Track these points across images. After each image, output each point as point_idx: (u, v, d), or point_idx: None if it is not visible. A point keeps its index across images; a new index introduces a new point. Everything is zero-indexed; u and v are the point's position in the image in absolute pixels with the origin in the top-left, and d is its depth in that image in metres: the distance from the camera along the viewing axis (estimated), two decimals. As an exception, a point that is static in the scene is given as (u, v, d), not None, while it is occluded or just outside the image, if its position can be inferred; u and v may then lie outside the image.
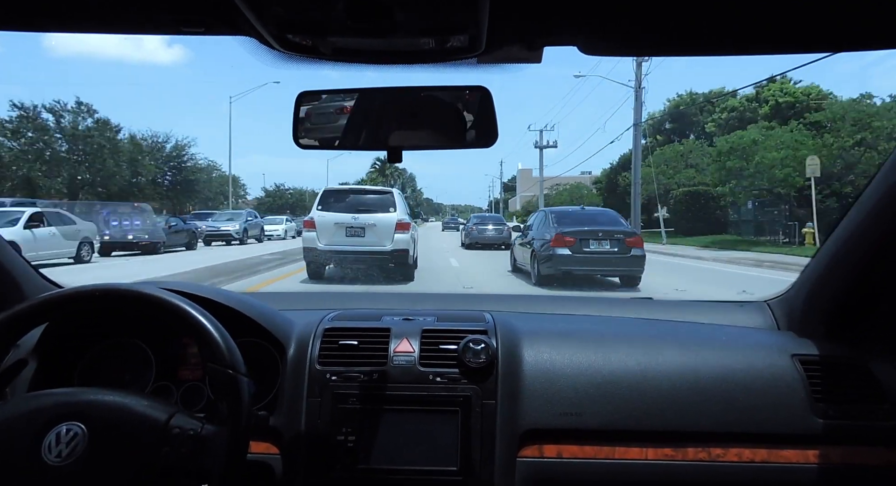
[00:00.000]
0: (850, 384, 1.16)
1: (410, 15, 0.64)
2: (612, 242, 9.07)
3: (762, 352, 1.20)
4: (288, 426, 1.16)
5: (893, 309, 1.21)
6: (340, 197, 10.20)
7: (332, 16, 0.64)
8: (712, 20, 0.70)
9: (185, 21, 0.70)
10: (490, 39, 0.69)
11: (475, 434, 1.13)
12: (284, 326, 1.26)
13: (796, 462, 1.12)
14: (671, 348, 1.21)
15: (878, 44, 0.78)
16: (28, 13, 0.73)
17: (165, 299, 0.97)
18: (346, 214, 9.87)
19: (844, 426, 1.12)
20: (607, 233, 9.19)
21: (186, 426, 0.90)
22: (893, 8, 0.66)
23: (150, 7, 0.70)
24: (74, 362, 1.24)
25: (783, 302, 1.42)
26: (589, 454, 1.14)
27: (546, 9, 0.67)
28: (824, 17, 0.69)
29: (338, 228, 9.81)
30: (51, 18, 0.74)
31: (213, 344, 0.94)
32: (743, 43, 0.76)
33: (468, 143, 0.97)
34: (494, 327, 1.25)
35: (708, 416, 1.13)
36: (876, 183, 1.11)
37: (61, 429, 0.87)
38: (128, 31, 0.78)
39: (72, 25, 0.74)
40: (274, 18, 0.65)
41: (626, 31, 0.74)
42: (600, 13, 0.68)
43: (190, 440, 0.88)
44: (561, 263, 9.07)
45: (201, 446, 0.89)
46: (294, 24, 0.66)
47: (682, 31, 0.73)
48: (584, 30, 0.72)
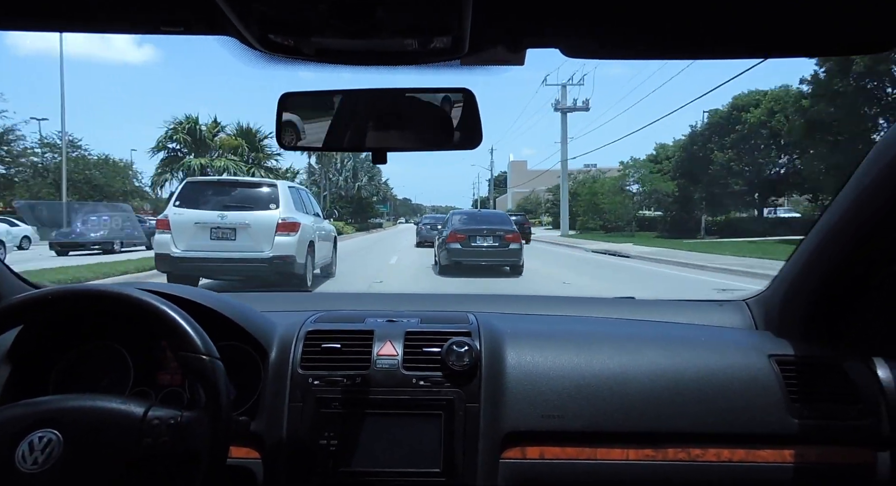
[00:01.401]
0: (825, 384, 1.18)
1: (393, 16, 0.64)
2: (494, 238, 11.79)
3: (740, 352, 1.22)
4: (269, 432, 1.14)
5: (866, 309, 1.23)
6: (205, 191, 8.28)
7: (315, 16, 0.64)
8: (695, 23, 0.70)
9: (164, 20, 0.69)
10: (473, 41, 0.69)
11: (458, 437, 1.13)
12: (266, 328, 1.25)
13: (773, 462, 1.14)
14: (652, 349, 1.23)
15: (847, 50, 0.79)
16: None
17: (133, 296, 0.96)
18: (210, 211, 7.92)
19: (819, 425, 1.14)
20: (490, 230, 11.86)
21: (165, 416, 0.89)
22: (875, 12, 0.67)
23: (128, 5, 0.69)
24: (50, 366, 1.22)
25: (761, 302, 1.44)
26: (571, 455, 1.15)
27: (528, 11, 0.67)
28: (806, 22, 0.70)
29: (199, 230, 7.84)
30: (21, 16, 0.72)
31: (182, 333, 0.94)
32: (726, 46, 0.77)
33: (452, 144, 0.98)
34: (478, 329, 1.25)
35: (687, 417, 1.14)
36: (850, 184, 1.13)
37: (34, 438, 0.86)
38: (105, 30, 0.76)
39: (45, 24, 0.73)
40: (256, 18, 0.64)
41: (608, 35, 0.74)
42: (582, 16, 0.69)
43: (171, 429, 0.88)
44: (454, 255, 11.72)
45: (183, 432, 0.88)
46: (276, 24, 0.65)
47: (664, 34, 0.74)
48: (567, 32, 0.73)
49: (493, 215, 13.70)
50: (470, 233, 11.84)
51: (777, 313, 1.36)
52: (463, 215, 13.36)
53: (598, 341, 1.25)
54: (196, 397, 0.95)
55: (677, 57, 0.83)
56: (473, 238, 11.79)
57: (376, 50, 0.72)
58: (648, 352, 1.22)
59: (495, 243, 11.72)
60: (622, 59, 0.82)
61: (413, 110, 0.99)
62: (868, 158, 1.09)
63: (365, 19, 0.63)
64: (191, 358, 0.93)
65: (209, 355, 0.93)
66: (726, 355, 1.21)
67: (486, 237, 11.79)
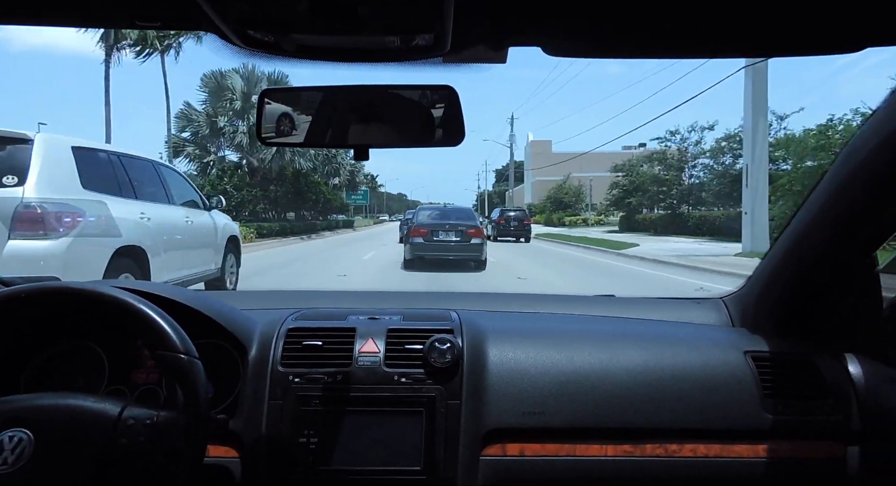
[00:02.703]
0: (798, 380, 1.20)
1: (374, 13, 0.64)
2: (456, 233, 11.96)
3: (716, 349, 1.24)
4: (248, 430, 1.13)
5: (839, 306, 1.26)
6: None
7: (295, 13, 0.63)
8: (679, 22, 0.71)
9: (140, 15, 0.68)
10: (455, 39, 0.69)
11: (439, 434, 1.13)
12: (246, 325, 1.24)
13: (747, 457, 1.16)
14: (631, 346, 1.24)
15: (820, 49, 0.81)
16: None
17: (107, 293, 0.95)
18: None
19: (792, 421, 1.17)
20: (453, 226, 12.03)
21: (141, 416, 0.88)
22: (852, 12, 0.68)
23: (102, 0, 0.67)
24: (22, 365, 1.19)
25: (737, 299, 1.46)
26: (551, 451, 1.16)
27: (509, 10, 0.67)
28: (788, 21, 0.71)
29: None
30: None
31: (159, 331, 0.92)
32: (708, 45, 0.78)
33: (435, 141, 0.98)
34: (460, 326, 1.25)
35: (665, 413, 1.16)
36: (824, 182, 1.15)
37: (4, 437, 0.84)
38: (80, 24, 0.74)
39: (21, 18, 0.71)
40: (235, 14, 0.63)
41: (590, 34, 0.75)
42: (564, 15, 0.69)
43: (147, 429, 0.87)
44: (416, 249, 11.91)
45: (160, 432, 0.87)
46: (256, 20, 0.64)
47: (647, 34, 0.74)
48: (548, 31, 0.73)
49: (458, 211, 13.87)
50: (433, 228, 12.02)
51: (752, 311, 1.38)
52: (428, 211, 13.77)
53: (579, 339, 1.26)
54: (173, 396, 0.94)
55: (661, 56, 0.83)
56: (436, 233, 11.96)
57: (357, 47, 0.71)
58: (628, 349, 1.23)
59: (457, 237, 11.94)
60: (605, 57, 0.82)
61: (395, 107, 0.99)
62: (841, 156, 1.11)
63: (346, 17, 0.63)
64: (168, 357, 0.91)
65: (187, 354, 0.92)
66: (703, 352, 1.23)
67: (448, 232, 11.97)
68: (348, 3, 0.61)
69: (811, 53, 0.80)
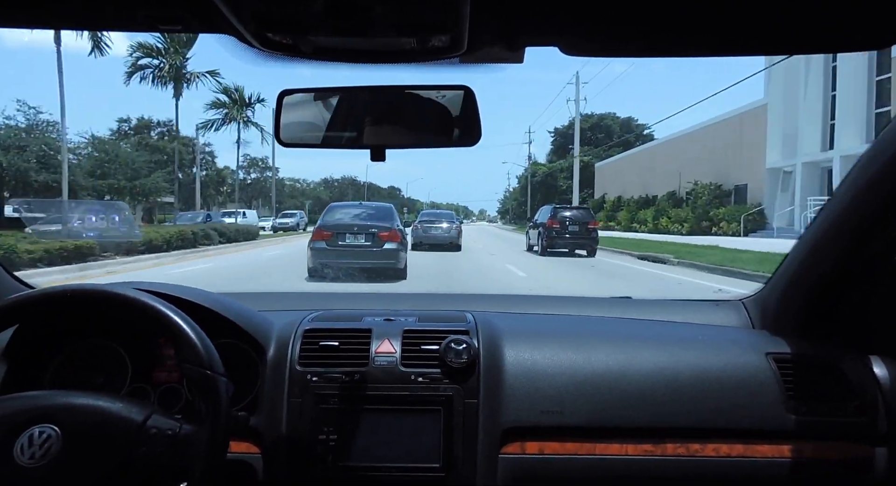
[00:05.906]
0: (821, 382, 1.18)
1: (391, 14, 0.64)
2: (367, 236, 9.52)
3: (737, 351, 1.23)
4: (269, 427, 1.15)
5: (862, 308, 1.24)
6: None
7: (312, 14, 0.64)
8: (693, 21, 0.71)
9: (161, 18, 0.69)
10: (471, 39, 0.69)
11: (457, 432, 1.13)
12: (264, 326, 1.25)
13: (771, 457, 1.15)
14: (649, 347, 1.23)
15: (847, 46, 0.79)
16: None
17: (139, 300, 0.96)
18: None
19: (815, 422, 1.15)
20: (362, 228, 9.63)
21: (164, 426, 0.89)
22: (862, 10, 0.67)
23: (125, 4, 0.69)
24: (46, 364, 1.21)
25: (757, 301, 1.45)
26: (570, 450, 1.15)
27: (526, 9, 0.67)
28: (803, 19, 0.70)
29: None
30: (18, 13, 0.72)
31: (189, 344, 0.93)
32: (726, 44, 0.77)
33: (452, 141, 0.98)
34: (476, 327, 1.25)
35: (686, 413, 1.15)
36: (846, 184, 1.14)
37: (34, 432, 0.86)
38: (103, 27, 0.76)
39: (42, 21, 0.72)
40: (253, 16, 0.64)
41: (607, 33, 0.74)
42: (581, 14, 0.69)
43: (167, 440, 0.88)
44: (319, 256, 9.38)
45: (179, 446, 0.88)
46: (273, 22, 0.65)
47: (663, 32, 0.74)
48: (565, 31, 0.73)
49: (374, 210, 10.96)
50: (338, 230, 9.60)
51: (774, 312, 1.36)
52: (338, 207, 11.02)
53: (596, 340, 1.25)
54: (195, 406, 0.94)
55: (677, 55, 0.83)
56: (342, 236, 9.55)
57: (374, 48, 0.72)
58: (646, 350, 1.22)
59: (367, 242, 9.54)
60: (623, 56, 0.82)
61: (412, 107, 0.99)
62: (863, 158, 1.09)
63: (362, 18, 0.63)
64: (196, 372, 0.92)
65: (214, 371, 0.92)
66: (724, 353, 1.22)
67: (356, 236, 9.58)
68: (365, 5, 0.61)
69: (837, 50, 0.79)
